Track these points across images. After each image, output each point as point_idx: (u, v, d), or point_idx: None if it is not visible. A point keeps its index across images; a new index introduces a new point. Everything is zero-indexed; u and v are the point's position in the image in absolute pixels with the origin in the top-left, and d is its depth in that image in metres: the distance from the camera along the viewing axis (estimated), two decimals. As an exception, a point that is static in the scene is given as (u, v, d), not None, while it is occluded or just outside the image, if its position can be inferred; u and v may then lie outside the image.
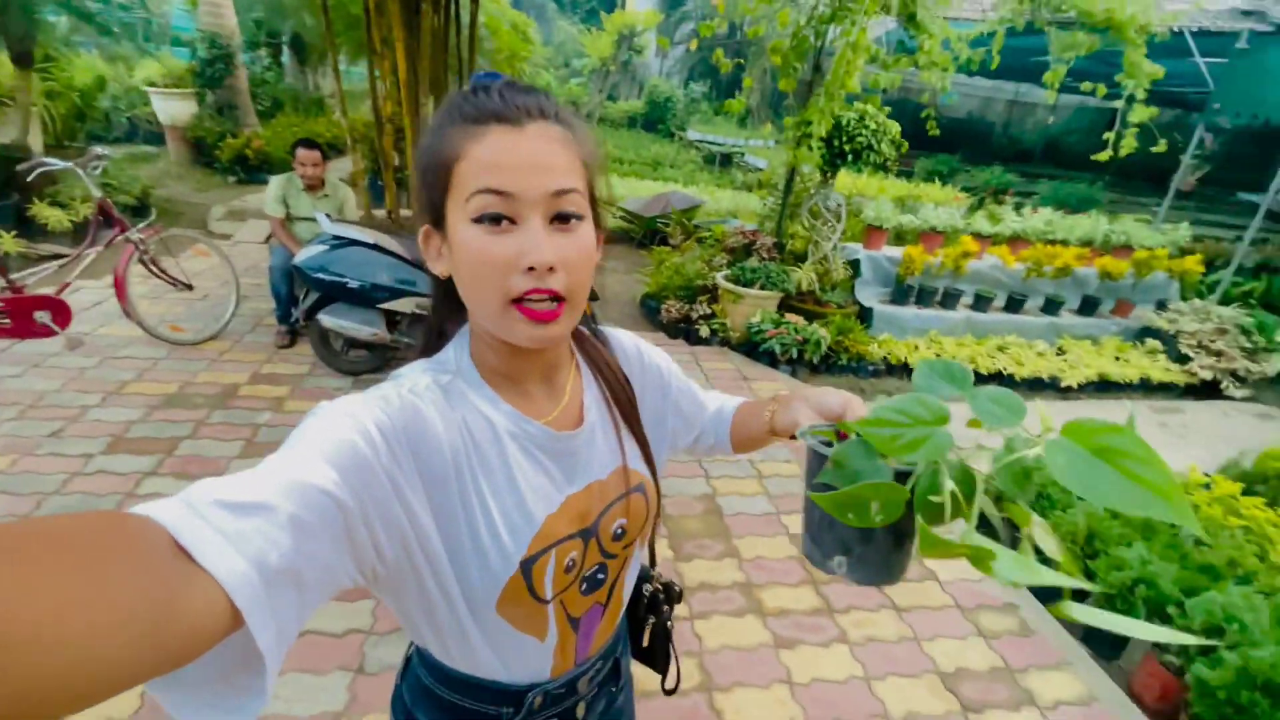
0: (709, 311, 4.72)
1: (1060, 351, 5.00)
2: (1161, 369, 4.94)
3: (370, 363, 3.59)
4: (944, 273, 5.10)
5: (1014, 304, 5.32)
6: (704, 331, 4.62)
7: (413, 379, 0.60)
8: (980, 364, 4.62)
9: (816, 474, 0.58)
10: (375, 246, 3.24)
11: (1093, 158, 4.89)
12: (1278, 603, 1.97)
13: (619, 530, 0.71)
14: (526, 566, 0.61)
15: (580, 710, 0.76)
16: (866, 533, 0.54)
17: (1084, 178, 9.91)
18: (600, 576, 0.71)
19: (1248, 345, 4.98)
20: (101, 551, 0.32)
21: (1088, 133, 13.25)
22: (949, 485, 0.47)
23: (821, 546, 0.59)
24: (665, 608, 0.90)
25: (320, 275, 3.14)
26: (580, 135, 0.59)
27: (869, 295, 5.15)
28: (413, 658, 0.76)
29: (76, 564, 0.30)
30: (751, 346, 4.47)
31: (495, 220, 0.54)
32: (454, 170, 0.55)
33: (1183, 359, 5.06)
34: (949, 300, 5.15)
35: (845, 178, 8.01)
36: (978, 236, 5.32)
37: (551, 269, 0.55)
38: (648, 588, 0.90)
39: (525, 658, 0.67)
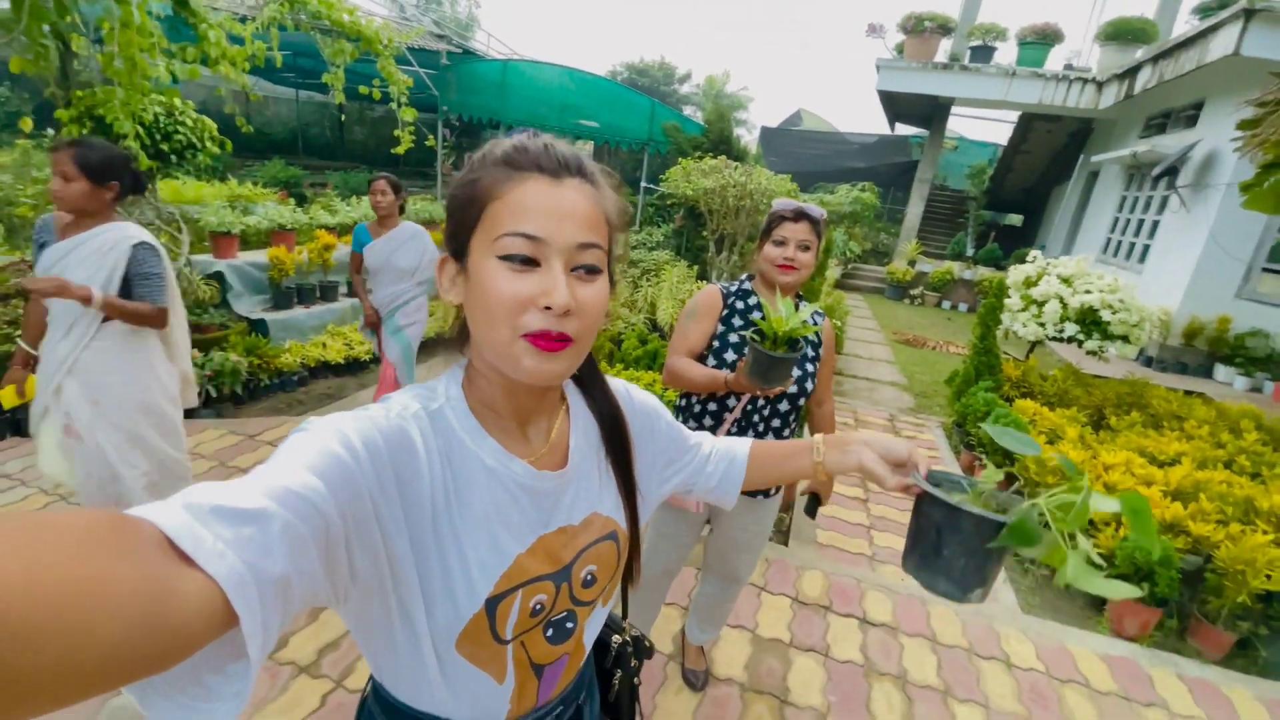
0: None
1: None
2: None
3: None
4: (314, 269, 5.15)
5: (378, 283, 5.92)
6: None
7: (402, 403, 0.60)
8: (385, 341, 5.05)
9: (937, 518, 0.68)
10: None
11: (392, 151, 5.75)
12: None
13: (589, 577, 0.71)
14: (492, 605, 0.61)
15: None
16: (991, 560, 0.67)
17: (359, 167, 11.20)
18: (569, 625, 0.70)
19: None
20: (97, 545, 0.31)
21: (325, 126, 14.85)
22: (1084, 542, 0.63)
23: (963, 580, 0.68)
24: (634, 662, 0.88)
25: None
26: (608, 195, 0.63)
27: (248, 306, 4.71)
28: (369, 696, 0.72)
29: (73, 556, 0.30)
30: (144, 404, 3.49)
31: (521, 261, 0.56)
32: (487, 209, 0.57)
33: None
34: (328, 293, 5.27)
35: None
36: (327, 229, 5.54)
37: (567, 312, 0.57)
38: (616, 639, 0.87)
39: (480, 699, 0.65)
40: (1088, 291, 4.05)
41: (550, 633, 0.68)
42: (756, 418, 1.68)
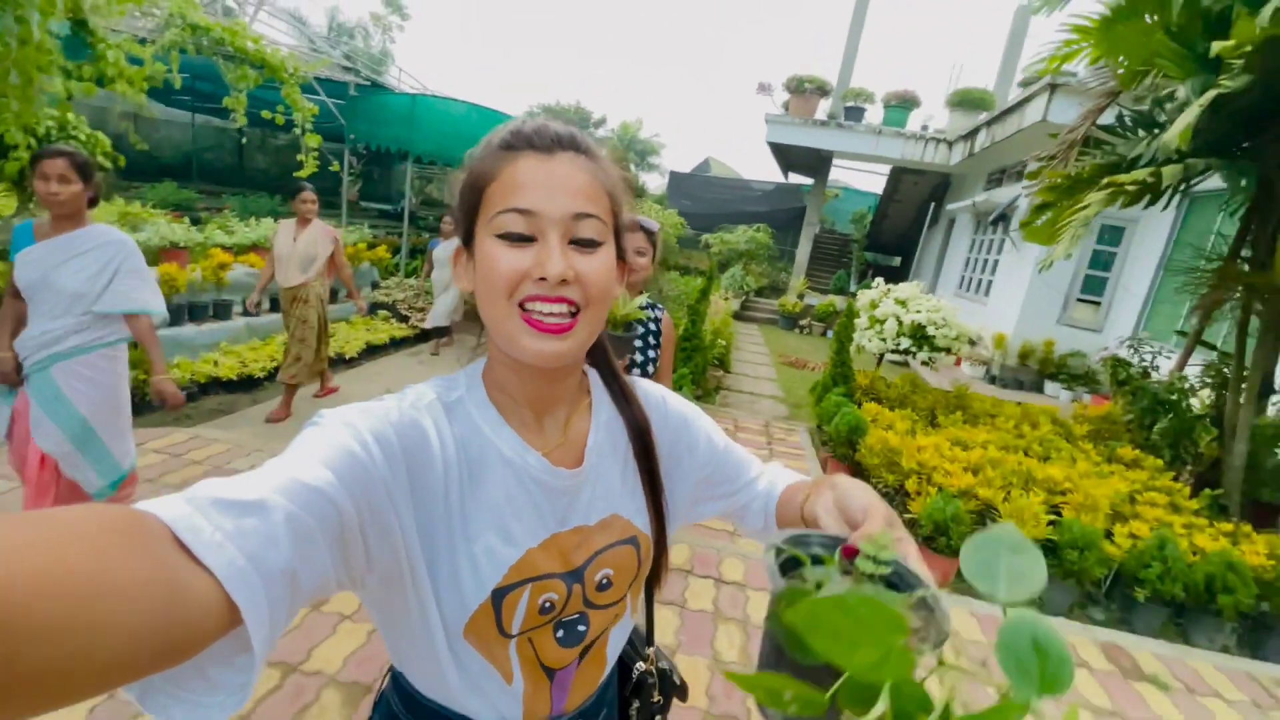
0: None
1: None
2: (397, 329, 6.74)
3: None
4: (207, 287, 5.15)
5: (275, 304, 5.92)
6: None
7: (418, 393, 0.61)
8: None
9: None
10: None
11: (294, 175, 5.85)
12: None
13: (604, 581, 0.68)
14: (498, 596, 0.60)
15: None
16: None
17: (260, 193, 10.98)
18: (581, 628, 0.68)
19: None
20: (110, 540, 0.32)
21: (223, 151, 14.45)
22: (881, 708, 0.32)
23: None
24: (656, 697, 0.85)
25: None
26: (607, 167, 0.61)
27: (135, 323, 4.64)
28: (388, 688, 0.73)
29: (88, 551, 0.30)
30: (18, 413, 3.42)
31: (517, 237, 0.56)
32: (485, 191, 0.58)
33: (404, 318, 7.05)
34: (222, 311, 5.26)
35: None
36: (223, 248, 5.54)
37: (565, 281, 0.55)
38: (640, 666, 0.84)
39: (490, 697, 0.65)
40: (918, 311, 4.79)
41: (561, 634, 0.66)
42: None
